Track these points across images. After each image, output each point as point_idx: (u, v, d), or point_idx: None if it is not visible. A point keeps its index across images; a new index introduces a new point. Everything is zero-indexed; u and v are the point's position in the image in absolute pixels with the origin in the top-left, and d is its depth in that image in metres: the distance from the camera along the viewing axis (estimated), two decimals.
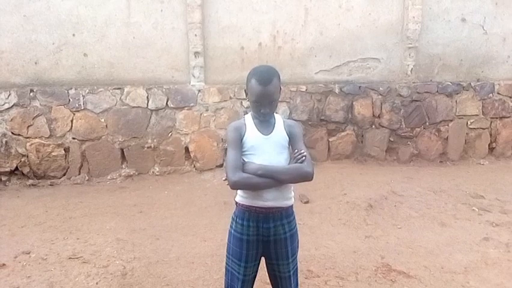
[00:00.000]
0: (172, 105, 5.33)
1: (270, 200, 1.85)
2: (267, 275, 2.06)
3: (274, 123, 1.95)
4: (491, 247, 3.45)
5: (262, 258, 2.00)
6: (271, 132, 1.92)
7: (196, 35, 5.25)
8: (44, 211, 4.24)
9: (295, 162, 1.85)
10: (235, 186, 1.81)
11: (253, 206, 1.86)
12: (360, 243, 3.51)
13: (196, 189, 4.91)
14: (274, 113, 1.99)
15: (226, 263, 1.98)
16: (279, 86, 1.89)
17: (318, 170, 5.08)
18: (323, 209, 4.22)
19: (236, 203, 1.94)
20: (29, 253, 3.30)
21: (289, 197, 1.92)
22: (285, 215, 1.91)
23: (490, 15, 5.94)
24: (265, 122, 1.93)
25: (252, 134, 1.90)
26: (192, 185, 5.08)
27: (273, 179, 1.80)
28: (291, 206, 1.95)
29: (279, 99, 5.48)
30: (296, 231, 1.98)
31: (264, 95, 1.82)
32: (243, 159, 1.86)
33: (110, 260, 3.18)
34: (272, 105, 1.88)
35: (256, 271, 1.99)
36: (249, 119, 1.96)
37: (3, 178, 5.09)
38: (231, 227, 1.96)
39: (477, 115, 6.09)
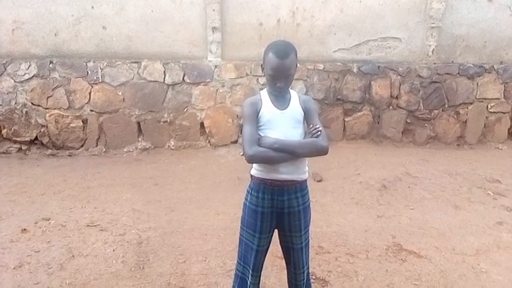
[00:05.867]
0: (188, 81, 5.34)
1: (285, 173, 1.87)
2: (279, 248, 2.10)
3: (290, 99, 1.96)
4: (505, 231, 3.44)
5: (275, 232, 2.03)
6: (287, 107, 1.92)
7: (214, 10, 5.20)
8: (63, 180, 4.35)
9: (311, 137, 1.85)
10: (251, 160, 1.83)
11: (269, 179, 1.89)
12: (372, 223, 3.53)
13: (210, 164, 4.97)
14: (290, 90, 1.99)
15: (241, 234, 2.03)
16: (295, 61, 1.88)
17: (333, 149, 5.03)
18: (335, 188, 4.24)
19: (251, 176, 1.97)
20: (48, 219, 3.42)
21: (304, 171, 1.95)
22: (299, 188, 1.94)
23: None
24: (280, 97, 1.94)
25: (267, 109, 1.91)
26: (207, 160, 5.13)
27: (289, 153, 1.81)
28: (306, 180, 1.97)
29: (296, 77, 5.43)
30: (309, 204, 2.00)
31: (280, 68, 1.83)
32: (259, 134, 1.87)
33: (126, 229, 3.28)
34: (288, 79, 1.88)
35: (269, 243, 2.03)
36: (264, 94, 1.96)
37: (24, 147, 5.23)
38: (246, 199, 1.99)
39: (498, 99, 5.96)
